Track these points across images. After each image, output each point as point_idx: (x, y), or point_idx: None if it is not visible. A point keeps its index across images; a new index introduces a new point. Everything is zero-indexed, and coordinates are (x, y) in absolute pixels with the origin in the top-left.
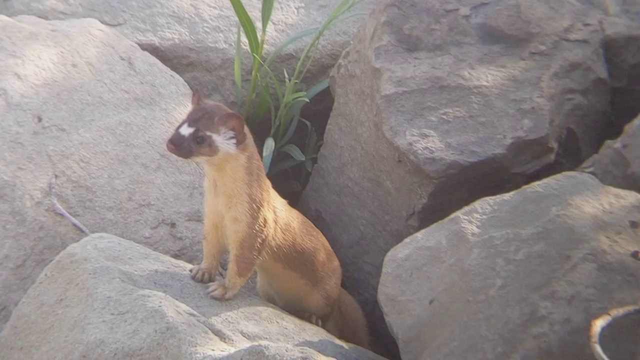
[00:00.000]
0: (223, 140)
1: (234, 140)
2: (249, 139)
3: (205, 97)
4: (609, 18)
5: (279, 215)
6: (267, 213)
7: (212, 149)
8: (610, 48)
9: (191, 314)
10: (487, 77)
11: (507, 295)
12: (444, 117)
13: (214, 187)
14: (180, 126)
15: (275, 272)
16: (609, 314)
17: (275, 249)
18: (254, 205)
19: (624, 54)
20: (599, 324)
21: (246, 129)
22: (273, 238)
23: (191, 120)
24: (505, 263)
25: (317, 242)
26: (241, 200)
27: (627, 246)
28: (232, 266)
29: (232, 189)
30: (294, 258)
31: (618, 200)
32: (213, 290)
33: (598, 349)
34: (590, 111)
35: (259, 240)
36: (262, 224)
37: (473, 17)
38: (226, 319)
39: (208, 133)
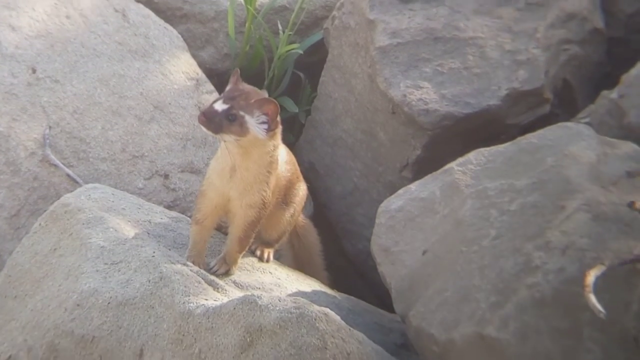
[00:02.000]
0: (255, 123)
1: (265, 126)
2: (279, 128)
3: (198, 49)
4: None
5: None
6: (272, 197)
7: (243, 129)
8: None
9: (184, 264)
10: (482, 28)
11: (500, 245)
12: (439, 68)
13: (230, 171)
14: (215, 101)
15: None
16: (604, 264)
17: None
18: (268, 193)
19: (621, 3)
20: (593, 274)
21: (279, 118)
22: None
23: (227, 97)
24: (499, 214)
25: (292, 168)
26: (259, 188)
27: (622, 196)
28: (233, 245)
29: (254, 176)
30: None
31: (613, 151)
32: (217, 269)
33: (592, 298)
34: (587, 62)
35: (262, 220)
36: (267, 207)
37: None
38: None
39: (241, 113)
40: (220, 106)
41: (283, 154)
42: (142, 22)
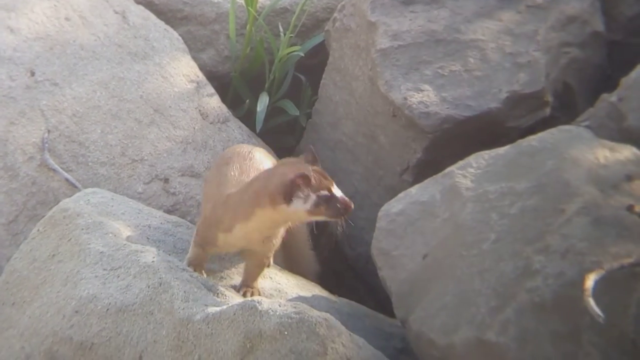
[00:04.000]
0: None
1: None
2: None
3: (199, 51)
4: None
5: None
6: None
7: None
8: (608, 0)
9: (184, 270)
10: (483, 30)
11: (500, 249)
12: (440, 71)
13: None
14: (335, 188)
15: None
16: (603, 268)
17: None
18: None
19: (621, 6)
20: (592, 278)
21: None
22: None
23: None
24: (499, 217)
25: None
26: (277, 241)
27: (621, 200)
28: (253, 275)
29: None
30: None
31: (613, 154)
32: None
33: (591, 302)
34: (587, 65)
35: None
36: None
37: None
38: (219, 274)
39: None
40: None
41: None
42: (142, 24)
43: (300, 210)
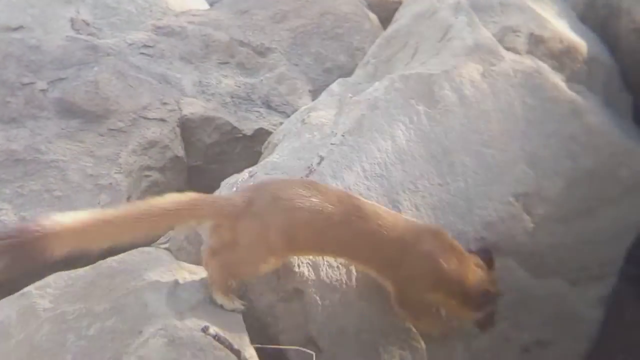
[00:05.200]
0: None
1: None
2: None
3: None
4: (186, 98)
5: None
6: None
7: None
8: (187, 127)
9: None
10: (64, 151)
11: None
12: (19, 190)
13: None
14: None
15: None
16: None
17: None
18: None
19: (200, 133)
20: None
21: None
22: None
23: None
24: (76, 338)
25: None
26: None
27: (198, 321)
28: None
29: None
30: None
31: (192, 276)
32: None
33: None
34: (168, 188)
35: None
36: None
37: (50, 91)
38: None
39: None
40: None
41: None
42: None
43: (476, 314)
